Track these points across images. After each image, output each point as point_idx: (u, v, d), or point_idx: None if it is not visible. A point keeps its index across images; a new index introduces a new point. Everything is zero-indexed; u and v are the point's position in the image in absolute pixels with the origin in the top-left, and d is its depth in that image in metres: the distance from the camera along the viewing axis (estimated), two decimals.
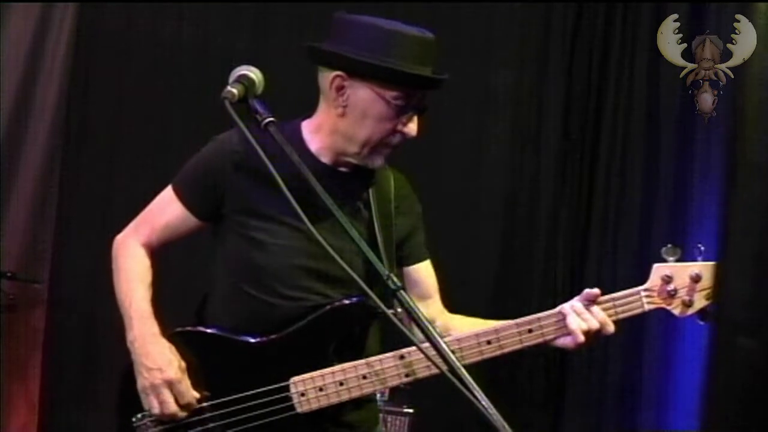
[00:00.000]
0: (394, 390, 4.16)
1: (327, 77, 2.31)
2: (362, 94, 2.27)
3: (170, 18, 4.83)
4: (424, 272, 2.61)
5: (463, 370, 1.88)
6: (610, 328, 2.29)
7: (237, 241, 2.37)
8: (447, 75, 2.33)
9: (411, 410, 4.16)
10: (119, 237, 2.54)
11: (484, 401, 1.83)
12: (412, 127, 2.32)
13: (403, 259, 2.54)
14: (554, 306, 2.33)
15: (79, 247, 4.69)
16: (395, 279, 1.99)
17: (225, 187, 2.37)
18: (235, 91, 2.16)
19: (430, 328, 1.93)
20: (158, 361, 2.30)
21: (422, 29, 2.32)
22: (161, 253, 2.54)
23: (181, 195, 2.45)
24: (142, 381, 2.31)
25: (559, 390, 4.93)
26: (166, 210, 2.48)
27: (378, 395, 4.11)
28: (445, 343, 1.93)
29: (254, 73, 2.22)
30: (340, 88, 2.29)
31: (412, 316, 1.95)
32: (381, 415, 4.07)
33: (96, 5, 4.77)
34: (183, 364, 2.33)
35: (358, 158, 2.34)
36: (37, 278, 4.61)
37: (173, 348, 2.34)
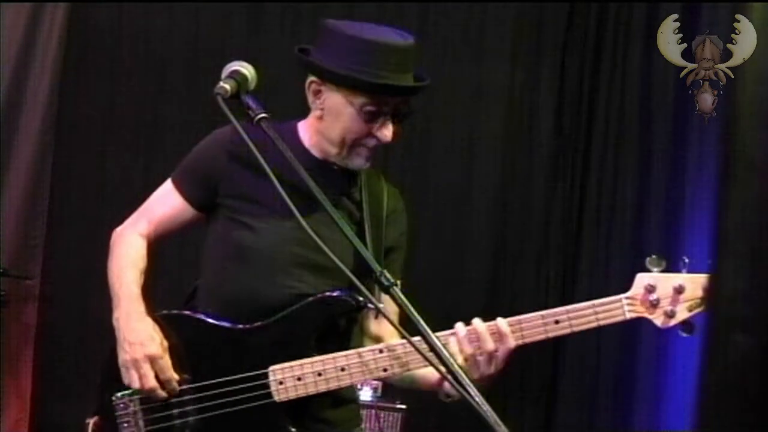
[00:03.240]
0: (387, 386, 4.16)
1: (307, 81, 2.36)
2: (335, 99, 2.31)
3: (161, 14, 4.83)
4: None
5: (456, 365, 1.90)
6: (489, 346, 2.24)
7: (227, 224, 2.40)
8: (427, 81, 2.35)
9: (404, 406, 4.16)
10: (118, 229, 2.56)
11: (477, 397, 1.83)
12: (385, 133, 2.32)
13: None
14: (546, 304, 2.33)
15: (71, 243, 4.69)
16: (388, 275, 2.01)
17: (220, 176, 2.40)
18: (227, 86, 2.19)
19: (423, 324, 1.95)
20: (140, 336, 2.32)
21: (403, 33, 2.34)
22: (158, 247, 2.55)
23: (179, 186, 2.48)
24: (123, 355, 2.33)
25: (552, 386, 4.94)
26: (164, 202, 2.50)
27: (370, 391, 4.15)
28: (438, 338, 1.95)
29: (247, 69, 2.25)
30: (317, 93, 2.34)
31: (406, 312, 1.96)
32: (372, 412, 4.10)
33: (87, 2, 4.76)
34: (165, 343, 2.35)
35: (339, 158, 2.37)
36: (29, 274, 4.61)
37: (157, 326, 2.36)
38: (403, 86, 2.30)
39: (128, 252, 2.48)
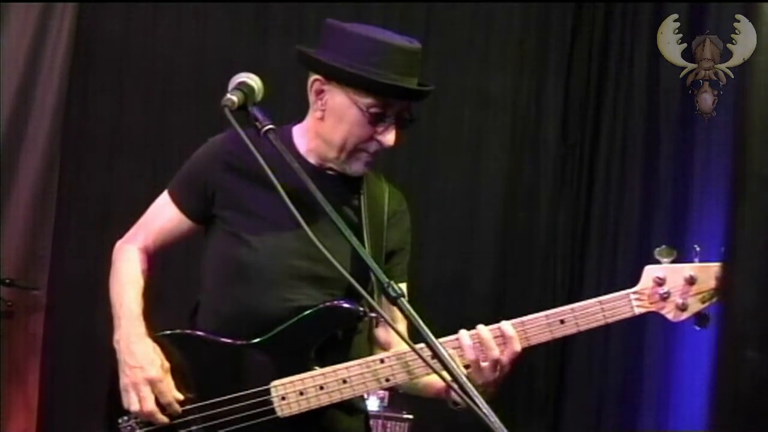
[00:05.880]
0: (393, 396, 4.15)
1: (309, 80, 2.34)
2: (339, 99, 2.28)
3: (169, 20, 4.83)
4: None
5: (463, 375, 1.89)
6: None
7: (224, 239, 2.38)
8: (431, 86, 2.33)
9: (411, 416, 4.15)
10: (118, 243, 2.56)
11: (484, 407, 1.82)
12: (388, 138, 2.30)
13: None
14: (554, 306, 2.28)
15: (78, 253, 4.68)
16: (395, 287, 1.99)
17: (215, 187, 2.38)
18: (234, 98, 2.18)
19: (429, 333, 1.93)
20: (140, 360, 2.31)
21: (410, 38, 2.31)
22: (162, 258, 2.55)
23: (175, 197, 2.47)
24: (124, 379, 2.32)
25: (559, 391, 4.93)
26: (161, 214, 2.49)
27: (377, 401, 4.14)
28: (443, 347, 1.94)
29: (254, 81, 2.23)
30: (320, 92, 2.31)
31: (414, 324, 1.95)
32: (379, 422, 4.09)
33: (95, 6, 4.78)
34: (167, 364, 2.33)
35: (338, 163, 2.35)
36: (36, 284, 4.60)
37: (157, 348, 2.35)
38: (412, 88, 2.29)
39: (128, 269, 2.48)
